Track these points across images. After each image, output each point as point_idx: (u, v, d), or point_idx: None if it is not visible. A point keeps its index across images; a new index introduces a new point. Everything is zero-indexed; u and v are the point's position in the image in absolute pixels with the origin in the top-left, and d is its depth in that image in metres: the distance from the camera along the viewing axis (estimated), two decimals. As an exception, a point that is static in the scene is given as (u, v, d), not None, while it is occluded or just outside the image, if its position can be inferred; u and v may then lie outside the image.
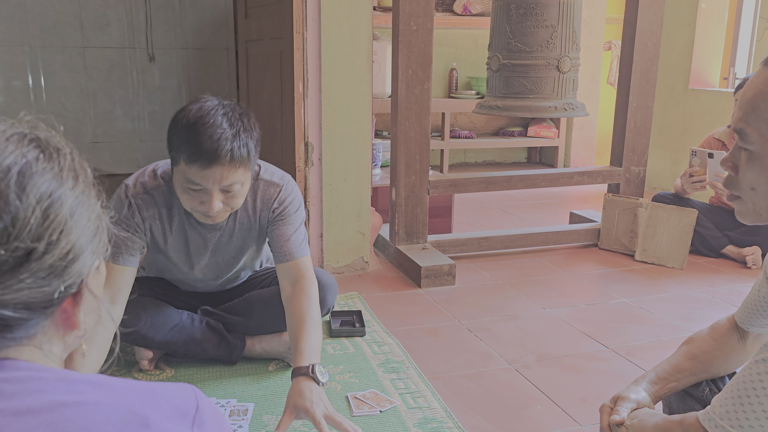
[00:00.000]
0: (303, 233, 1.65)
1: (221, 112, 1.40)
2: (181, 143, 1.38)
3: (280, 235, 1.60)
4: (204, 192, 1.41)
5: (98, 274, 0.61)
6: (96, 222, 0.58)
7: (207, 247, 1.66)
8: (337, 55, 2.47)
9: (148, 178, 1.56)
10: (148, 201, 1.55)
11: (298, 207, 1.64)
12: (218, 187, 1.41)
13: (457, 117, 5.26)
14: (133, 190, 1.54)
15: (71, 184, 0.56)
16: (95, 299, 0.60)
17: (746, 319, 1.15)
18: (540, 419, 1.60)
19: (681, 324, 2.19)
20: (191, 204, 1.46)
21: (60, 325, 0.57)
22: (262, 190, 1.60)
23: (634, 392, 1.16)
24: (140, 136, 4.61)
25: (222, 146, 1.36)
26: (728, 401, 0.86)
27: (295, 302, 1.54)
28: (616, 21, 4.95)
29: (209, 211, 1.43)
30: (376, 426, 1.53)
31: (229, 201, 1.45)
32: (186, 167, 1.39)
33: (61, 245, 0.54)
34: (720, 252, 2.89)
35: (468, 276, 2.64)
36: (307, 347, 1.45)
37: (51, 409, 0.50)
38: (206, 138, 1.35)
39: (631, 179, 3.11)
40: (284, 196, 1.61)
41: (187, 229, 1.61)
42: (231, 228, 1.64)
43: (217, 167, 1.37)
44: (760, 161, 0.86)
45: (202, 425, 0.56)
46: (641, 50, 2.95)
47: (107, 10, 4.34)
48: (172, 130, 1.42)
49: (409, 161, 2.65)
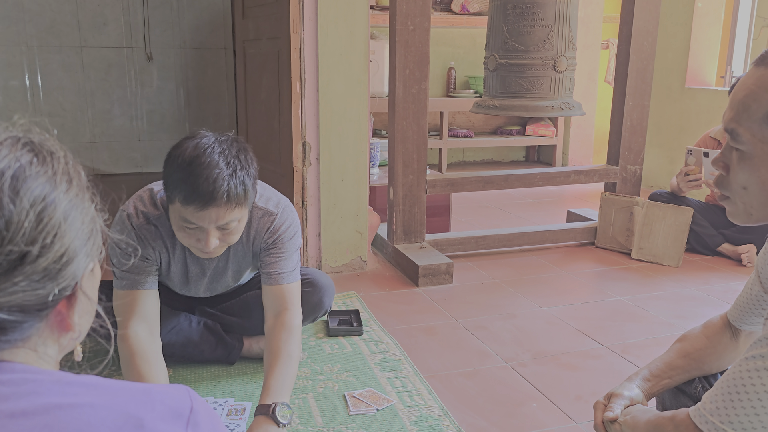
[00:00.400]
0: (296, 260, 1.62)
1: (218, 150, 1.36)
2: (176, 183, 1.35)
3: (272, 261, 1.59)
4: (200, 230, 1.40)
5: (93, 276, 0.62)
6: (90, 225, 0.59)
7: (205, 274, 1.67)
8: (335, 55, 2.48)
9: (149, 206, 1.53)
10: (154, 233, 1.53)
11: (293, 235, 1.62)
12: (214, 226, 1.39)
13: (456, 116, 5.27)
14: (136, 220, 1.52)
15: (65, 187, 0.56)
16: (90, 301, 0.61)
17: (738, 317, 1.16)
18: (536, 416, 1.61)
19: (676, 322, 2.20)
20: (188, 241, 1.44)
21: (55, 327, 0.58)
22: (257, 219, 1.58)
23: (628, 389, 1.17)
24: (138, 135, 4.62)
25: (218, 188, 1.33)
26: (719, 398, 0.87)
27: (274, 336, 1.50)
28: (613, 20, 4.96)
29: (206, 248, 1.41)
30: (373, 424, 1.54)
31: (226, 237, 1.44)
32: (182, 207, 1.36)
33: (55, 248, 0.54)
34: (716, 250, 2.90)
35: (465, 275, 2.65)
36: (275, 385, 1.40)
37: (46, 411, 0.51)
38: (202, 180, 1.32)
39: (628, 178, 3.12)
40: (278, 225, 1.59)
41: (187, 257, 1.61)
42: (226, 255, 1.64)
43: (213, 209, 1.35)
44: (751, 161, 0.87)
45: (197, 426, 0.56)
46: (637, 49, 2.96)
47: (105, 10, 4.35)
48: (168, 167, 1.38)
49: (406, 161, 2.66)
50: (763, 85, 0.84)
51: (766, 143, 0.85)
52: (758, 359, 0.84)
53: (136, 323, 1.47)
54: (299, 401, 1.64)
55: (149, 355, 1.44)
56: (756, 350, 0.85)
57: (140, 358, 1.42)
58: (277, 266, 1.58)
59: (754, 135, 0.85)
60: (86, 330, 0.63)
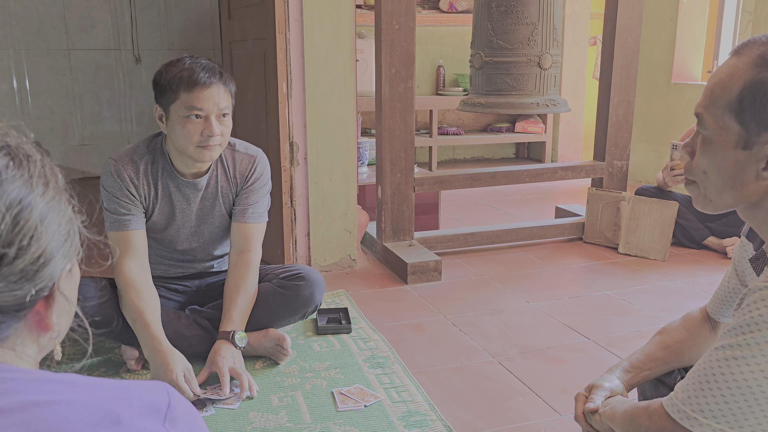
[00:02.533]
0: (266, 203, 1.86)
1: (195, 57, 1.67)
2: (177, 79, 1.61)
3: (245, 199, 1.81)
4: (205, 120, 1.63)
5: (71, 276, 0.63)
6: (67, 226, 0.60)
7: (190, 205, 1.79)
8: (321, 55, 2.49)
9: (131, 148, 1.76)
10: (135, 166, 1.73)
11: (267, 179, 1.85)
12: (216, 112, 1.63)
13: (445, 114, 5.29)
14: (120, 161, 1.72)
15: (41, 190, 0.58)
16: (68, 302, 0.62)
17: (717, 309, 1.18)
18: (521, 410, 1.63)
19: (661, 315, 2.22)
20: (193, 138, 1.63)
21: (33, 327, 0.59)
22: (239, 160, 1.81)
23: (608, 381, 1.19)
24: (128, 137, 4.61)
25: (214, 71, 1.63)
26: (690, 387, 0.89)
27: (237, 273, 1.76)
28: (600, 16, 4.95)
29: (212, 134, 1.63)
30: (360, 420, 1.56)
31: (224, 131, 1.67)
32: (187, 95, 1.61)
33: (32, 250, 0.56)
34: (701, 243, 2.94)
35: (454, 272, 2.67)
36: (235, 315, 1.71)
37: (24, 409, 0.51)
38: (200, 67, 1.62)
39: (614, 173, 3.14)
40: (257, 165, 1.82)
41: (171, 189, 1.77)
42: (215, 190, 1.80)
43: (215, 87, 1.62)
44: (711, 146, 0.90)
45: (174, 421, 0.57)
46: (622, 46, 2.99)
47: (92, 12, 4.34)
48: (163, 76, 1.63)
49: (394, 159, 2.67)
50: (731, 74, 0.87)
51: (725, 130, 0.87)
52: (727, 349, 0.86)
53: (128, 259, 1.70)
54: (288, 399, 1.66)
55: (140, 286, 1.68)
56: (725, 340, 0.87)
57: (133, 290, 1.66)
58: (248, 203, 1.81)
59: (716, 121, 0.88)
60: (65, 330, 0.64)
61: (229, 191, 1.82)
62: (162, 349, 1.60)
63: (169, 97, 1.64)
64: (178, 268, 1.91)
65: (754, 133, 0.85)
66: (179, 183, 1.77)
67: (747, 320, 0.84)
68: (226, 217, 1.85)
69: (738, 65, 0.87)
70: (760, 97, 0.84)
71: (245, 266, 1.77)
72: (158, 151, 1.75)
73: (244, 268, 1.77)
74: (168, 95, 1.64)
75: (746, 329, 0.84)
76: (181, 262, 1.90)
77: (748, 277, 1.06)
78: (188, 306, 1.89)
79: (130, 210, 1.71)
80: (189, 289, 1.94)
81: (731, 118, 0.86)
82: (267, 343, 1.84)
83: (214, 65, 1.67)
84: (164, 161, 1.75)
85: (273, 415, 1.58)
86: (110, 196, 1.71)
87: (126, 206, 1.71)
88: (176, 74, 1.62)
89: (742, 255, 1.09)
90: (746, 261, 1.06)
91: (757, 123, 0.85)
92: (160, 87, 1.65)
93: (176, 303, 1.89)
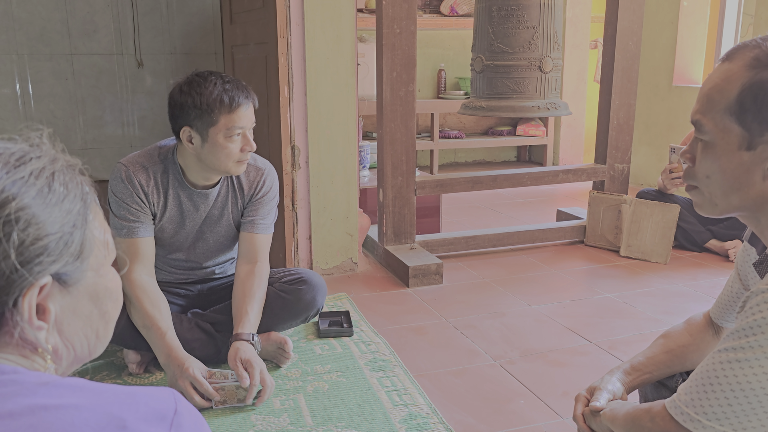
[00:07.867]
0: (273, 215, 1.88)
1: (215, 73, 1.67)
2: (217, 102, 1.61)
3: (255, 211, 1.83)
4: (242, 137, 1.68)
5: (63, 288, 0.62)
6: (65, 236, 0.60)
7: (198, 211, 1.80)
8: (322, 59, 2.50)
9: (141, 155, 1.75)
10: (146, 173, 1.73)
11: (277, 193, 1.88)
12: (251, 127, 1.69)
13: (447, 117, 5.29)
14: (131, 167, 1.72)
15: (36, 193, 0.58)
16: (73, 315, 0.62)
17: (720, 314, 1.18)
18: (523, 413, 1.63)
19: (663, 318, 2.23)
20: (235, 155, 1.67)
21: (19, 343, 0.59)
22: (248, 171, 1.83)
23: (609, 383, 1.19)
24: (130, 141, 4.62)
25: (245, 89, 1.67)
26: (693, 389, 0.89)
27: (249, 281, 1.79)
28: (601, 19, 4.95)
29: (253, 148, 1.69)
30: (362, 424, 1.56)
31: (253, 143, 1.71)
32: (228, 116, 1.63)
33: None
34: (703, 246, 2.94)
35: (455, 275, 2.67)
36: (252, 320, 1.74)
37: (31, 412, 0.52)
38: (234, 88, 1.64)
39: (615, 176, 3.15)
40: (266, 177, 1.84)
41: (182, 199, 1.78)
42: (223, 201, 1.82)
43: (250, 105, 1.67)
44: (713, 150, 0.90)
45: (180, 428, 0.57)
46: (622, 49, 2.99)
47: (94, 17, 4.35)
48: (196, 99, 1.61)
49: (395, 162, 2.68)
50: (726, 78, 0.88)
51: (727, 133, 0.88)
52: (730, 351, 0.86)
53: (137, 267, 1.71)
54: (290, 402, 1.66)
55: (153, 294, 1.71)
56: (728, 343, 0.87)
57: (146, 298, 1.68)
58: (257, 215, 1.83)
59: (716, 125, 0.88)
60: (79, 344, 0.64)
61: (237, 201, 1.84)
62: (178, 356, 1.63)
63: (206, 120, 1.63)
64: (180, 274, 1.91)
65: (757, 133, 0.85)
66: (190, 193, 1.77)
67: (750, 323, 0.84)
68: (233, 227, 1.86)
69: (732, 69, 0.88)
70: (761, 97, 0.84)
71: (259, 277, 1.80)
72: (170, 161, 1.75)
73: (257, 279, 1.79)
74: (205, 118, 1.62)
75: (749, 332, 0.84)
76: (184, 269, 1.91)
77: (751, 281, 1.06)
78: (190, 309, 1.90)
79: (138, 217, 1.71)
80: (191, 293, 1.94)
81: (732, 120, 0.87)
82: (269, 347, 1.85)
83: (241, 82, 1.68)
84: (175, 171, 1.75)
85: (275, 418, 1.58)
86: (120, 201, 1.70)
87: (135, 213, 1.71)
88: (215, 98, 1.61)
89: (745, 260, 1.09)
90: (749, 265, 1.06)
91: (759, 123, 0.85)
92: (195, 110, 1.62)
93: (178, 307, 1.89)
